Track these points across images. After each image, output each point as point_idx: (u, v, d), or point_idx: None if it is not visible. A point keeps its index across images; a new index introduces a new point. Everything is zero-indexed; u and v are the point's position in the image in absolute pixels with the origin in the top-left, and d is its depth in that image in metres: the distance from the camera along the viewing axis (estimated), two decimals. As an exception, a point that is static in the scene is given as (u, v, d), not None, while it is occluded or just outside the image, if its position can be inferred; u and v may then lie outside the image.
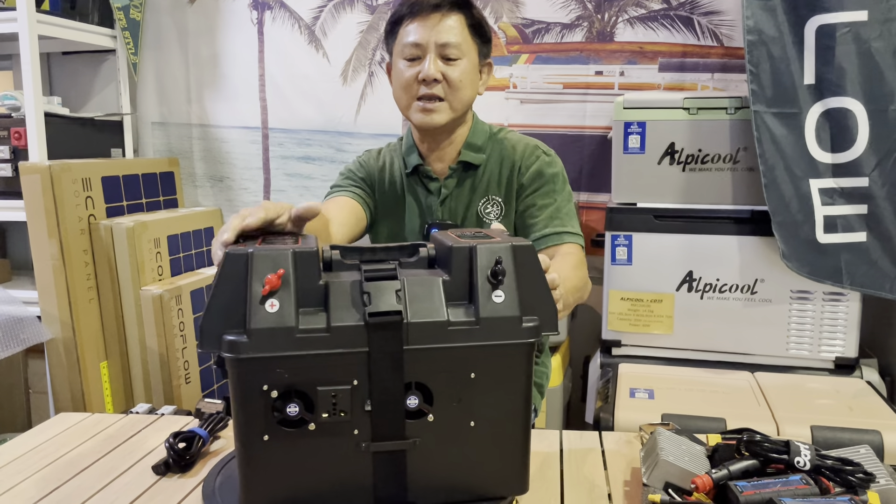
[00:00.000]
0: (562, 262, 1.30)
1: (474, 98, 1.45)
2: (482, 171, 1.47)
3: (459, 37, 1.38)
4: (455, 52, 1.37)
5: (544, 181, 1.44)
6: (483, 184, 1.47)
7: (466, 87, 1.40)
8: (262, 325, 0.78)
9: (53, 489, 1.00)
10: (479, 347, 0.82)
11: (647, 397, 1.70)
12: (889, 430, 1.50)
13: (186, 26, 2.62)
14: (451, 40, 1.37)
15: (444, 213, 1.48)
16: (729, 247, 1.90)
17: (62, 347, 2.13)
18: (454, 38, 1.37)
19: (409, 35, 1.38)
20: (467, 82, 1.40)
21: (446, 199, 1.48)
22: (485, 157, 1.47)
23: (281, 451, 0.81)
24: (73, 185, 2.11)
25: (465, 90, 1.40)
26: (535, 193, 1.43)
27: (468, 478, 0.87)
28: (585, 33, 2.31)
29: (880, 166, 1.78)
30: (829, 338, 1.88)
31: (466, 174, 1.47)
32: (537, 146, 1.48)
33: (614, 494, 0.97)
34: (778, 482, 0.84)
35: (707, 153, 1.91)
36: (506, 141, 1.49)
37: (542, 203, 1.42)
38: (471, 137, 1.47)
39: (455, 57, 1.38)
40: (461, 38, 1.38)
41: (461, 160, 1.46)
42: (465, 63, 1.39)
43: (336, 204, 1.42)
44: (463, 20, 1.39)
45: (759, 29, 1.79)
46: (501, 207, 1.46)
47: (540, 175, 1.44)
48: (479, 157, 1.46)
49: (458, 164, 1.47)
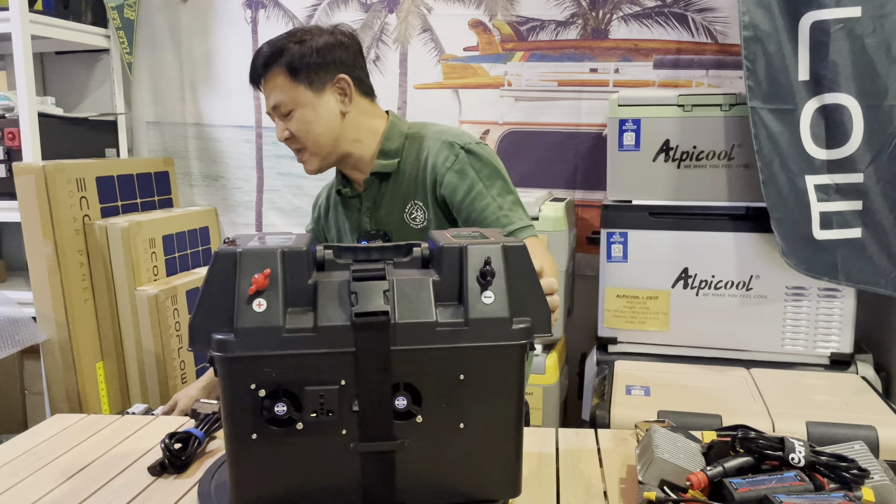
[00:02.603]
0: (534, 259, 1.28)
1: (336, 124, 1.40)
2: (398, 176, 1.42)
3: (283, 92, 1.36)
4: (285, 108, 1.37)
5: (469, 183, 1.35)
6: (402, 190, 1.42)
7: (312, 129, 1.37)
8: (248, 324, 0.78)
9: (49, 490, 1.00)
10: (468, 349, 0.82)
11: (643, 394, 1.71)
12: (884, 426, 1.51)
13: (180, 25, 2.62)
14: (277, 100, 1.37)
15: (374, 224, 1.46)
16: (724, 243, 1.90)
17: (58, 348, 2.13)
18: (278, 97, 1.37)
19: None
20: (313, 125, 1.37)
21: (371, 211, 1.45)
22: (397, 163, 1.42)
23: (270, 449, 0.81)
24: (68, 185, 2.11)
25: (312, 134, 1.38)
26: (466, 199, 1.35)
27: (458, 480, 0.86)
28: (580, 31, 2.31)
29: (875, 162, 1.78)
30: (824, 334, 1.88)
31: (383, 184, 1.43)
32: (452, 144, 1.38)
33: (610, 492, 0.97)
34: (773, 479, 0.84)
35: (702, 150, 1.91)
36: (418, 140, 1.43)
37: (479, 206, 1.34)
38: (384, 144, 1.42)
39: (287, 111, 1.37)
40: (284, 93, 1.36)
41: (374, 172, 1.42)
42: (301, 111, 1.37)
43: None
44: (283, 72, 1.36)
45: (755, 25, 1.79)
46: (425, 211, 1.41)
47: (462, 179, 1.36)
48: (391, 163, 1.41)
49: (372, 175, 1.43)
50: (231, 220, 2.68)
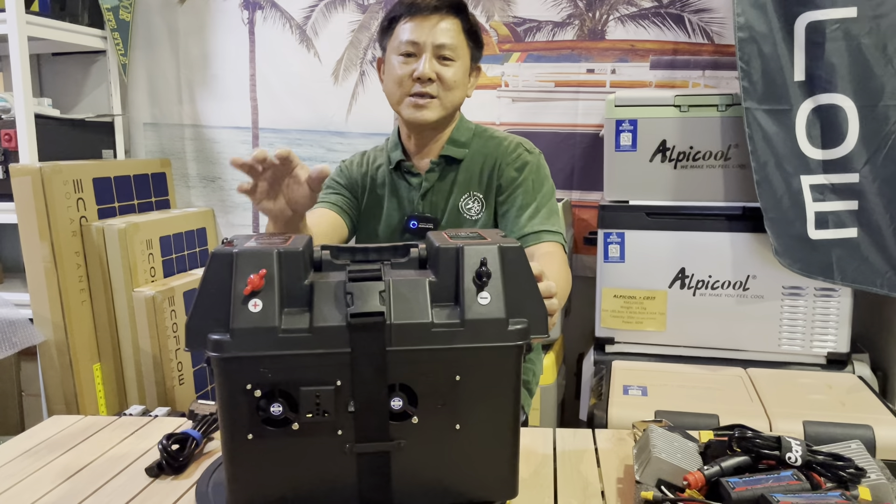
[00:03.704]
0: (546, 263, 1.30)
1: (463, 99, 1.48)
2: (464, 166, 1.49)
3: (455, 39, 1.41)
4: (450, 53, 1.41)
5: (524, 180, 1.45)
6: (464, 179, 1.48)
7: (458, 87, 1.44)
8: (244, 324, 0.78)
9: (47, 492, 1.00)
10: (463, 350, 0.81)
11: (640, 394, 1.71)
12: (881, 425, 1.51)
13: (177, 26, 2.62)
14: (448, 42, 1.40)
15: (425, 207, 1.50)
16: (721, 243, 1.90)
17: (55, 350, 2.12)
18: (450, 39, 1.40)
19: (406, 33, 1.41)
20: (459, 83, 1.44)
21: (427, 193, 1.50)
22: (467, 153, 1.49)
23: (265, 450, 0.81)
24: (65, 186, 2.11)
25: (456, 90, 1.44)
26: (515, 193, 1.45)
27: (455, 481, 0.86)
28: (577, 31, 2.31)
29: (870, 162, 1.78)
30: (820, 333, 1.89)
31: (448, 168, 1.49)
32: (520, 144, 1.49)
33: (608, 492, 0.97)
34: (770, 478, 0.84)
35: (698, 150, 1.91)
36: (489, 138, 1.51)
37: (522, 203, 1.44)
38: (455, 134, 1.50)
39: (450, 58, 1.41)
40: (457, 41, 1.42)
41: (443, 154, 1.48)
42: (459, 65, 1.43)
43: (313, 216, 1.43)
44: (459, 24, 1.42)
45: (749, 26, 1.79)
46: (482, 203, 1.48)
47: (520, 174, 1.45)
48: (462, 151, 1.49)
49: (441, 158, 1.49)
50: (228, 221, 2.68)
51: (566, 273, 1.36)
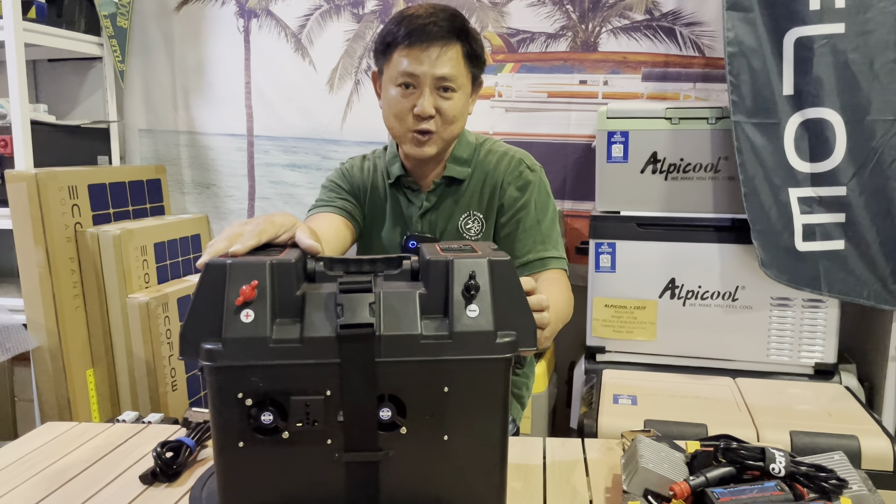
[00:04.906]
0: (548, 288, 1.28)
1: (464, 125, 1.42)
2: (465, 186, 1.44)
3: (455, 69, 1.31)
4: (451, 84, 1.32)
5: (527, 201, 1.40)
6: (465, 199, 1.44)
7: (459, 119, 1.37)
8: (236, 334, 0.79)
9: (41, 499, 1.00)
10: (452, 362, 0.82)
11: (630, 403, 1.72)
12: (866, 436, 1.53)
13: (173, 34, 2.63)
14: (448, 73, 1.31)
15: (424, 226, 1.46)
16: (710, 254, 1.92)
17: (48, 355, 2.13)
18: (451, 70, 1.31)
19: (405, 63, 1.31)
20: (460, 114, 1.36)
21: (427, 213, 1.46)
22: (469, 171, 1.44)
23: (256, 458, 0.82)
24: (60, 192, 2.11)
25: (457, 123, 1.37)
26: (518, 215, 1.40)
27: (443, 492, 0.87)
28: (570, 43, 2.34)
29: (858, 175, 1.81)
30: (808, 344, 1.90)
31: (449, 189, 1.45)
32: (521, 161, 1.44)
33: (596, 501, 0.98)
34: (754, 489, 0.85)
35: (689, 162, 1.93)
36: (490, 154, 1.45)
37: (526, 226, 1.39)
38: (456, 151, 1.44)
39: (451, 88, 1.32)
40: (457, 71, 1.32)
41: (446, 175, 1.43)
42: (459, 95, 1.34)
43: (318, 221, 1.38)
44: (460, 51, 1.32)
45: (739, 40, 1.81)
46: (482, 223, 1.44)
47: (522, 194, 1.41)
48: (464, 170, 1.44)
49: (443, 178, 1.44)
50: (223, 228, 2.68)
51: (567, 297, 1.32)
